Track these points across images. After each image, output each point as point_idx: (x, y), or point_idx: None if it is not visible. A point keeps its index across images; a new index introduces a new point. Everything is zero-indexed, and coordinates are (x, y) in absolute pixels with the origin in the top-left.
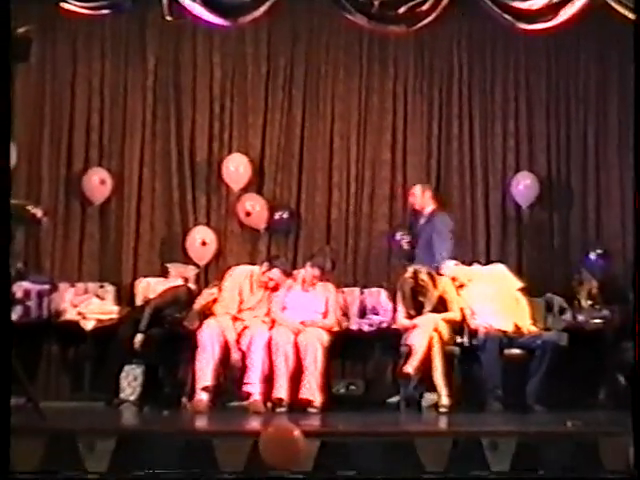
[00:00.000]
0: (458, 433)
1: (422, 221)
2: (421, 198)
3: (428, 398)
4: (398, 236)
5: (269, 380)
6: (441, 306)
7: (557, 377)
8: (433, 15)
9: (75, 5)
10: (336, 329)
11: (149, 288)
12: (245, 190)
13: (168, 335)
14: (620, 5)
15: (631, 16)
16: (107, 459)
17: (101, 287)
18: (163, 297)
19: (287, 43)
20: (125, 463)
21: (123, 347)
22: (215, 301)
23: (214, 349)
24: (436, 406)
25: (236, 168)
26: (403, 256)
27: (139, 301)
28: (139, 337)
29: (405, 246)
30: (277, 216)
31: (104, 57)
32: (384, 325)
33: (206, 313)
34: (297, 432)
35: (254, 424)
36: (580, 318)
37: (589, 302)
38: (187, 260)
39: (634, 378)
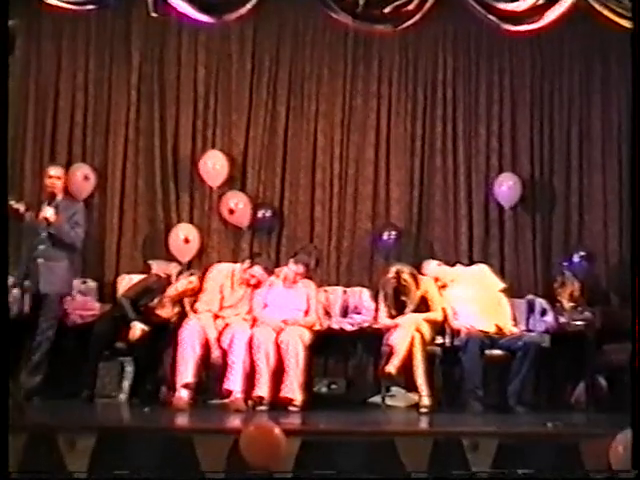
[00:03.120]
0: (439, 433)
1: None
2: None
3: (408, 398)
4: (385, 235)
5: (250, 378)
6: (423, 306)
7: (538, 378)
8: (418, 15)
9: (59, 1)
10: (317, 327)
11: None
12: (224, 187)
13: (150, 330)
14: (606, 9)
15: (622, 22)
16: (87, 456)
17: (83, 283)
18: (134, 289)
19: (272, 41)
20: (106, 460)
21: (104, 343)
22: (193, 290)
23: (195, 347)
24: (417, 406)
25: (213, 165)
26: (388, 255)
27: None
28: (136, 325)
29: (392, 244)
30: (260, 214)
31: (88, 53)
32: (366, 324)
33: (181, 299)
34: (278, 431)
35: (235, 422)
36: (562, 320)
37: (571, 304)
38: (170, 257)
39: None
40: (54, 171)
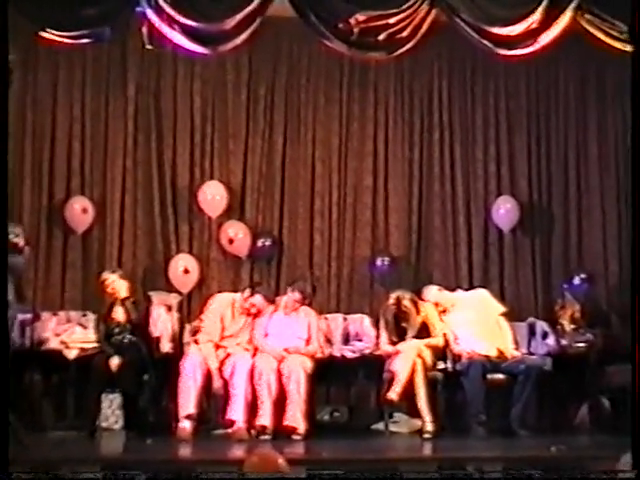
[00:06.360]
0: (443, 459)
1: None
2: None
3: (411, 424)
4: (379, 261)
5: (252, 407)
6: (424, 332)
7: (541, 401)
8: (413, 42)
9: (55, 35)
10: (319, 355)
11: None
12: (223, 217)
13: (129, 362)
14: (600, 32)
15: (617, 45)
16: None
17: (83, 316)
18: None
19: (268, 70)
20: None
21: (103, 375)
22: (113, 290)
23: (196, 377)
24: (420, 432)
25: (213, 196)
26: (384, 281)
27: None
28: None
29: (387, 270)
30: (259, 243)
31: (85, 85)
32: (367, 351)
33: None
34: (281, 460)
35: (238, 452)
36: (563, 342)
37: (572, 326)
38: (170, 288)
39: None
40: None
